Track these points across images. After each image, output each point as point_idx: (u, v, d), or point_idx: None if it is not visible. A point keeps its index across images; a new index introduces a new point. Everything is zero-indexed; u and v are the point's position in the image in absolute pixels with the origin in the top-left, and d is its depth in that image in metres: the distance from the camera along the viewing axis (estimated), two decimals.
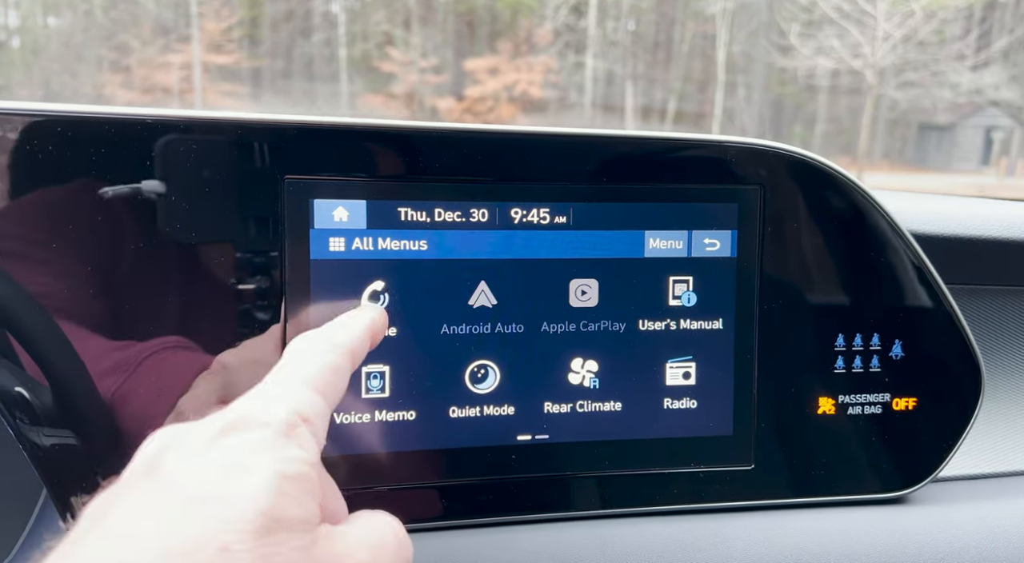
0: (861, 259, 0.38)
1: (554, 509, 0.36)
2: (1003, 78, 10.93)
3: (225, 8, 10.51)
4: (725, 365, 0.37)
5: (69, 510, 0.31)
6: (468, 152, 0.34)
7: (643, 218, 0.36)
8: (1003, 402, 0.50)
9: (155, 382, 0.31)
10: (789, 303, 0.37)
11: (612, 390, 0.36)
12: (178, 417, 0.31)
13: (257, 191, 0.32)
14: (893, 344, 0.39)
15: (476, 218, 0.34)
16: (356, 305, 0.33)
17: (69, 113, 0.30)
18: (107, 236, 0.31)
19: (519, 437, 0.36)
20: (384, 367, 0.34)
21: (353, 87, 11.05)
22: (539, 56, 10.75)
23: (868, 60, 9.93)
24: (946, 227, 0.46)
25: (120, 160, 0.30)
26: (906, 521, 0.38)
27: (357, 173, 0.33)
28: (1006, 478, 0.45)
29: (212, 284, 0.32)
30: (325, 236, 0.33)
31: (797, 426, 0.38)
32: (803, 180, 0.37)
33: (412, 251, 0.34)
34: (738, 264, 0.37)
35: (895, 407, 0.39)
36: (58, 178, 0.30)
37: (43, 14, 10.55)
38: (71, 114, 0.30)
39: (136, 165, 0.30)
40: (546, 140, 0.35)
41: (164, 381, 0.31)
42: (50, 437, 0.31)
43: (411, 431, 0.34)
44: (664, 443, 0.37)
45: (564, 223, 0.35)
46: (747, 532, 0.37)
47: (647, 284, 0.36)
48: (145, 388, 0.31)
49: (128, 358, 0.31)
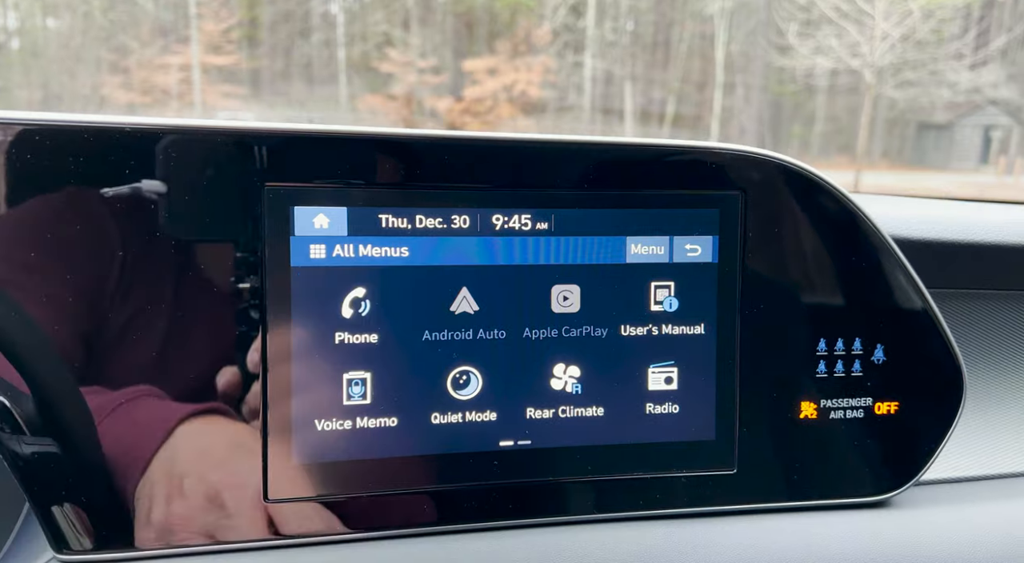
0: (843, 264, 0.38)
1: (537, 515, 0.36)
2: (1001, 77, 10.94)
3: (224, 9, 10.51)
4: (707, 370, 0.37)
5: (49, 519, 0.31)
6: (449, 159, 0.34)
7: (624, 224, 0.36)
8: (985, 405, 0.50)
9: (132, 381, 0.31)
10: (771, 308, 0.37)
11: (594, 395, 0.36)
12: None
13: (238, 199, 0.32)
14: (875, 348, 0.39)
15: (457, 225, 0.34)
16: (337, 313, 0.33)
17: (47, 122, 0.30)
18: (84, 244, 0.31)
19: (501, 443, 0.36)
20: (365, 374, 0.34)
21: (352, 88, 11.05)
22: (538, 56, 10.75)
23: (866, 59, 9.93)
24: (928, 231, 0.46)
25: (98, 170, 0.30)
26: (889, 525, 0.38)
27: (338, 180, 0.33)
28: (988, 481, 0.45)
29: (192, 291, 0.32)
30: (306, 243, 0.33)
31: (779, 430, 0.38)
32: (784, 186, 0.37)
33: (393, 258, 0.34)
34: (719, 269, 0.37)
35: (877, 411, 0.39)
36: (38, 187, 0.30)
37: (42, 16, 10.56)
38: (49, 123, 0.30)
39: (114, 174, 0.31)
40: (528, 147, 0.35)
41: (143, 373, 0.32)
42: (31, 446, 0.31)
43: (393, 438, 0.34)
44: (646, 448, 0.37)
45: (546, 229, 0.35)
46: (730, 536, 0.37)
47: (629, 290, 0.36)
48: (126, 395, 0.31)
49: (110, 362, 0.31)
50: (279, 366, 0.33)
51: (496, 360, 0.35)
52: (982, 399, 0.50)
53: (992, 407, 0.50)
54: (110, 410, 0.31)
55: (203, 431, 0.32)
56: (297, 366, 0.33)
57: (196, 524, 0.32)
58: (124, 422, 0.31)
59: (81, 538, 0.32)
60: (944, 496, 0.42)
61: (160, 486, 0.32)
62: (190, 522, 0.32)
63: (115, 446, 0.32)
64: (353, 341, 0.34)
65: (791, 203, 0.37)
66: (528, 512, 0.36)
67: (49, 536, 0.32)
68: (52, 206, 0.30)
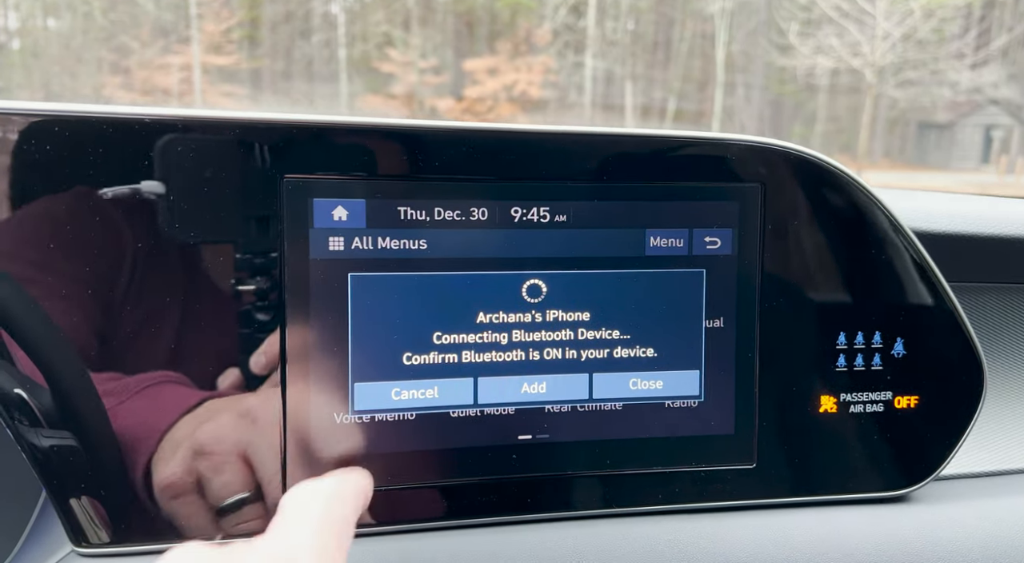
0: (862, 257, 0.38)
1: (555, 509, 0.36)
2: (1002, 76, 10.93)
3: (225, 9, 10.51)
4: (726, 364, 0.37)
5: (68, 513, 0.31)
6: (468, 151, 0.34)
7: (644, 216, 0.36)
8: (1006, 400, 0.49)
9: (152, 378, 0.31)
10: (790, 301, 0.37)
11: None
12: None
13: (256, 191, 0.32)
14: (895, 342, 0.38)
15: (476, 217, 0.34)
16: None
17: (64, 113, 0.30)
18: (101, 237, 0.30)
19: (520, 437, 0.35)
20: None
21: (353, 88, 11.04)
22: (538, 56, 10.74)
23: (867, 59, 9.92)
24: (948, 225, 0.46)
25: (115, 161, 0.30)
26: (908, 520, 0.38)
27: (356, 172, 0.33)
28: (1009, 476, 0.45)
29: (211, 283, 0.32)
30: (325, 235, 0.33)
31: (799, 425, 0.38)
32: (804, 178, 0.37)
33: (412, 250, 0.34)
34: (739, 262, 0.37)
35: (897, 405, 0.39)
36: (52, 180, 0.30)
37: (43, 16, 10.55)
38: (66, 114, 0.30)
39: (132, 166, 0.30)
40: (546, 138, 0.34)
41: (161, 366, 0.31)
42: (49, 438, 0.31)
43: (411, 431, 0.34)
44: (665, 442, 0.37)
45: (564, 222, 0.35)
46: (749, 531, 0.36)
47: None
48: (142, 390, 0.31)
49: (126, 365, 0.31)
50: (297, 359, 0.33)
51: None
52: (1001, 393, 0.49)
53: (1011, 401, 0.50)
54: (127, 403, 0.31)
55: (221, 424, 0.32)
56: (316, 359, 0.33)
57: (213, 517, 0.32)
58: (143, 414, 0.31)
59: (99, 531, 0.32)
60: (963, 491, 0.42)
61: (177, 478, 0.32)
62: (207, 515, 0.32)
63: (133, 438, 0.31)
64: None
65: (811, 195, 0.37)
66: (546, 506, 0.36)
67: (68, 529, 0.31)
68: (66, 200, 0.30)
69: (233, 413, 0.32)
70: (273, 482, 0.33)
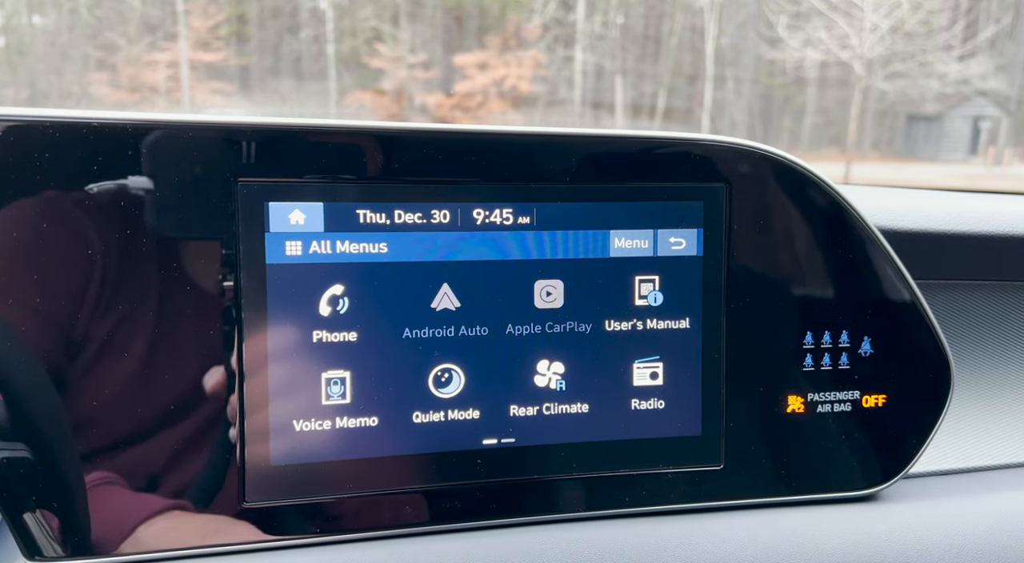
0: (829, 256, 0.37)
1: (522, 513, 0.36)
2: (990, 68, 10.98)
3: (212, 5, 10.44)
4: (693, 365, 0.37)
5: (21, 528, 0.31)
6: (428, 152, 0.33)
7: (608, 217, 0.35)
8: (974, 397, 0.49)
9: (107, 384, 0.31)
10: (756, 301, 0.37)
11: (579, 392, 0.36)
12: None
13: (210, 195, 0.31)
14: (862, 341, 0.38)
15: (437, 219, 0.34)
16: (315, 311, 0.32)
17: (12, 117, 0.29)
18: (53, 243, 0.30)
19: (485, 441, 0.35)
20: (345, 373, 0.33)
21: (342, 84, 11.00)
22: (528, 51, 10.72)
23: (856, 51, 9.95)
24: (914, 222, 0.46)
25: (67, 166, 0.30)
26: (877, 518, 0.38)
27: (314, 175, 0.32)
28: (977, 473, 0.45)
29: (164, 290, 0.31)
30: (281, 240, 0.32)
31: (766, 425, 0.38)
32: (769, 177, 0.36)
33: (372, 254, 0.33)
34: (704, 262, 0.36)
35: (865, 404, 0.39)
36: (6, 185, 0.29)
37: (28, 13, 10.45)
38: (14, 118, 0.29)
39: (83, 170, 0.30)
40: (508, 140, 0.34)
41: (117, 374, 0.31)
42: (2, 451, 0.30)
43: (374, 438, 0.34)
44: (632, 444, 0.37)
45: (528, 223, 0.35)
46: (718, 532, 0.36)
47: (613, 284, 0.36)
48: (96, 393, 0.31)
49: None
50: (255, 366, 0.32)
51: (478, 357, 0.35)
52: (970, 391, 0.49)
53: (979, 399, 0.50)
54: (82, 411, 0.31)
55: (178, 432, 0.32)
56: (274, 366, 0.32)
57: (172, 529, 0.32)
58: (97, 424, 0.31)
59: (54, 544, 0.31)
60: (933, 489, 0.42)
61: (135, 490, 0.31)
62: (167, 527, 0.32)
63: (88, 450, 0.31)
64: (331, 339, 0.33)
65: (776, 194, 0.37)
66: (513, 511, 0.36)
67: (20, 543, 0.31)
68: (14, 208, 0.29)
69: (192, 426, 0.32)
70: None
